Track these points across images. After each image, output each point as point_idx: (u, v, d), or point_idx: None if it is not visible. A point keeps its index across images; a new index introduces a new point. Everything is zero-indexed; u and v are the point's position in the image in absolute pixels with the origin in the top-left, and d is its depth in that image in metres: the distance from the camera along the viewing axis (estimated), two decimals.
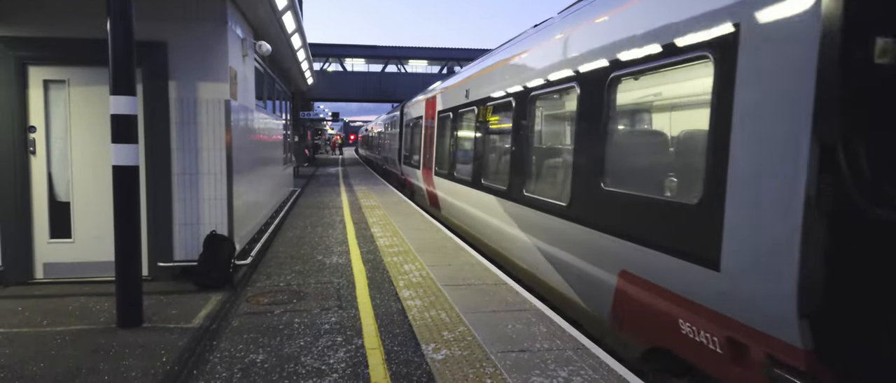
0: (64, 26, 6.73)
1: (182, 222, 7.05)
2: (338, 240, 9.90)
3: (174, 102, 6.93)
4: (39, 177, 6.89)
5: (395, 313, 5.87)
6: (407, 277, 7.27)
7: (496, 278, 7.23)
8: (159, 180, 6.93)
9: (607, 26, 5.35)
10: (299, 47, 13.41)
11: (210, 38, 7.06)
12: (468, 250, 8.98)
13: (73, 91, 6.88)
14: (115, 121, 5.22)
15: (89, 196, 6.95)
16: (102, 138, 6.69)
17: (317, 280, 7.17)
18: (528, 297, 6.39)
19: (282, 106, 15.74)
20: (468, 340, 5.06)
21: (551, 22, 7.17)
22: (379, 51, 54.45)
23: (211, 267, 6.73)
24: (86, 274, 6.97)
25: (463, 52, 52.33)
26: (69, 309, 5.90)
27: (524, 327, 5.39)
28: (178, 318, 5.68)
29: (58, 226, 6.98)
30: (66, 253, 6.99)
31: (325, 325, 5.48)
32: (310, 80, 21.34)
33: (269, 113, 12.11)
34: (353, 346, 4.96)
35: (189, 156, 7.01)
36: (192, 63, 6.97)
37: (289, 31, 10.94)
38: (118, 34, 5.12)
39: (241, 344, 4.98)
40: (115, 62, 5.15)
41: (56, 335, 5.18)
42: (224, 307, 6.03)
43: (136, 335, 5.22)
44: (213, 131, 7.06)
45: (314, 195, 17.49)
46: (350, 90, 47.27)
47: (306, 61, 16.42)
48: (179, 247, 7.06)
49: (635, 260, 4.64)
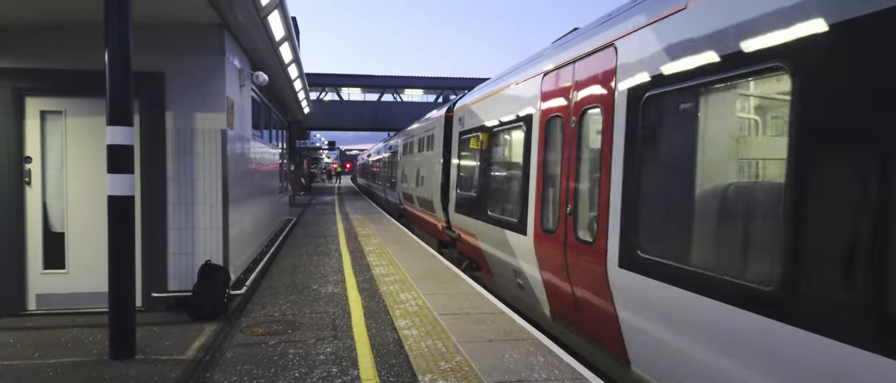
0: (61, 58, 6.78)
1: (177, 252, 7.01)
2: (333, 268, 9.85)
3: (171, 132, 6.95)
4: (34, 208, 6.87)
5: (391, 343, 5.82)
6: (403, 306, 7.22)
7: (494, 307, 7.18)
8: (155, 210, 6.91)
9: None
10: (296, 77, 13.50)
11: (208, 68, 7.11)
12: (465, 279, 8.93)
13: (70, 121, 6.89)
14: (112, 151, 5.22)
15: (84, 226, 6.92)
16: (98, 169, 6.69)
17: (312, 309, 7.11)
18: (526, 326, 6.34)
19: (278, 135, 15.80)
20: (465, 370, 5.01)
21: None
22: (375, 80, 54.92)
23: (205, 297, 6.68)
24: (79, 305, 6.90)
25: (458, 81, 52.75)
26: (61, 341, 5.83)
27: (522, 357, 5.35)
28: (171, 350, 5.62)
29: (51, 256, 6.93)
30: (59, 284, 6.93)
31: (321, 356, 5.43)
32: (306, 110, 21.46)
33: (265, 142, 12.14)
34: (349, 377, 4.90)
35: (185, 186, 7.00)
36: (190, 94, 7.00)
37: (286, 62, 11.03)
38: (116, 65, 5.16)
39: (234, 375, 4.92)
40: (112, 93, 5.17)
41: (48, 367, 5.11)
42: (218, 338, 5.97)
43: (129, 367, 5.15)
44: (209, 161, 7.06)
45: (310, 223, 17.45)
46: (346, 119, 47.51)
47: (303, 91, 16.53)
48: (174, 277, 7.01)
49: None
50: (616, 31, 5.18)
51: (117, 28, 5.14)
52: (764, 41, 3.40)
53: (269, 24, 8.06)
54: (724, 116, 4.12)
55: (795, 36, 3.19)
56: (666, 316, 4.25)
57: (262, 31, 8.22)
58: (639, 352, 4.74)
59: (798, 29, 3.18)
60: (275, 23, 8.22)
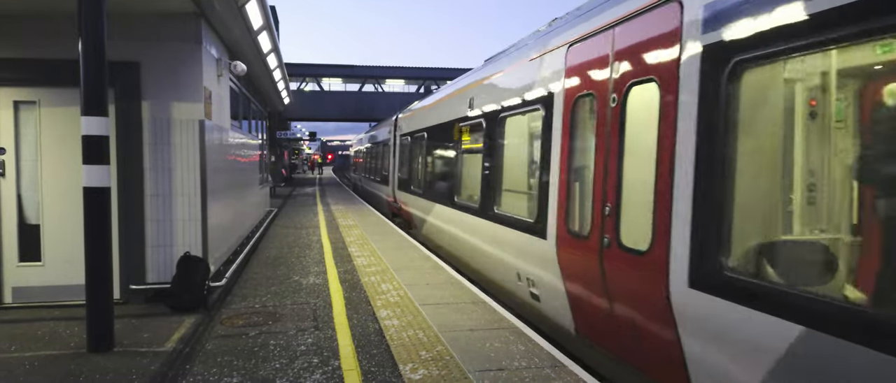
0: (34, 47, 6.65)
1: (155, 244, 6.95)
2: (315, 260, 9.82)
3: (148, 123, 6.86)
4: (9, 200, 6.76)
5: (372, 333, 5.83)
6: (384, 297, 7.23)
7: (474, 297, 7.22)
8: (132, 201, 6.83)
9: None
10: (275, 67, 13.36)
11: (184, 58, 7.02)
12: (446, 269, 8.96)
13: (44, 112, 6.77)
14: (87, 142, 5.15)
15: (60, 218, 6.82)
16: (74, 160, 6.59)
17: (293, 301, 7.09)
18: (507, 315, 6.39)
19: (258, 125, 15.65)
20: (446, 360, 5.04)
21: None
22: (356, 70, 54.59)
23: (184, 289, 6.63)
24: (56, 298, 6.82)
25: (440, 71, 52.60)
26: (38, 335, 5.76)
27: (502, 345, 5.39)
28: (150, 342, 5.58)
29: (27, 249, 6.83)
30: (35, 276, 6.84)
31: (302, 347, 5.42)
32: (286, 100, 21.27)
33: (245, 133, 12.03)
34: (330, 368, 4.91)
35: (162, 177, 6.93)
36: (166, 83, 6.91)
37: (264, 51, 10.91)
38: (89, 54, 5.08)
39: (214, 367, 4.90)
40: (86, 83, 5.09)
41: (24, 361, 5.05)
42: (198, 330, 5.94)
43: (107, 360, 5.11)
44: (187, 152, 6.99)
45: (291, 215, 17.35)
46: (327, 110, 47.29)
47: (282, 81, 16.36)
48: (152, 269, 6.95)
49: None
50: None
51: (91, 16, 5.06)
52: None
53: (246, 13, 7.96)
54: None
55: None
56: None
57: (240, 20, 8.11)
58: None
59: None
60: (253, 11, 8.12)
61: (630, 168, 4.55)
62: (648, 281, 4.15)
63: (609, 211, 4.70)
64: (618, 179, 4.64)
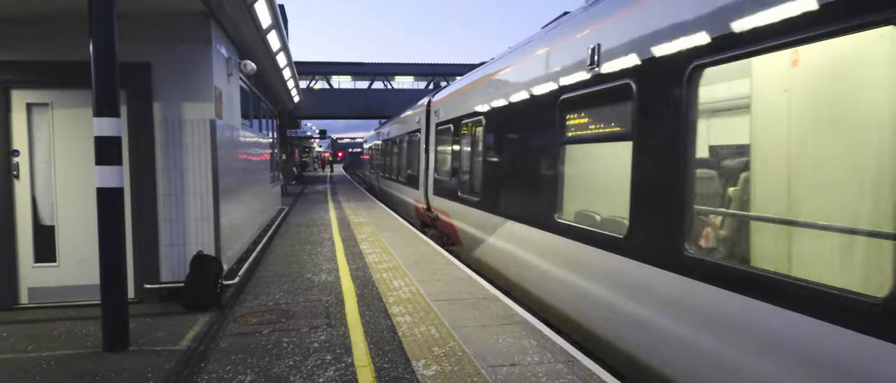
0: (46, 49, 6.71)
1: (168, 243, 6.99)
2: (326, 257, 9.85)
3: (159, 123, 6.90)
4: (23, 202, 6.82)
5: (384, 330, 5.84)
6: (396, 293, 7.24)
7: (486, 292, 7.21)
8: (145, 201, 6.88)
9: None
10: (285, 65, 13.41)
11: (194, 58, 7.05)
12: (458, 265, 8.96)
13: (57, 114, 6.83)
14: (99, 142, 5.19)
15: (74, 219, 6.88)
16: (87, 161, 6.63)
17: (305, 298, 7.12)
18: (519, 310, 6.38)
19: (268, 124, 15.71)
20: (459, 355, 5.04)
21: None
22: (365, 68, 54.62)
23: (198, 287, 6.67)
24: (71, 298, 6.88)
25: (448, 67, 52.55)
26: (55, 334, 5.82)
27: (515, 341, 5.38)
28: (165, 340, 5.62)
29: (42, 250, 6.90)
30: (51, 277, 6.90)
31: (315, 344, 5.44)
32: (296, 98, 21.34)
33: (255, 131, 12.07)
34: (343, 364, 4.92)
35: (175, 177, 6.97)
36: (177, 83, 6.95)
37: (274, 50, 10.95)
38: (101, 56, 5.11)
39: (228, 365, 4.93)
40: (98, 84, 5.13)
41: (41, 360, 5.11)
42: (212, 328, 5.98)
43: (123, 359, 5.15)
44: (198, 151, 7.03)
45: (302, 213, 17.42)
46: (337, 107, 47.31)
47: (292, 79, 16.42)
48: (166, 269, 7.00)
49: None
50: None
51: (102, 18, 5.09)
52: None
53: (255, 12, 7.99)
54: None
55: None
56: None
57: (249, 20, 8.14)
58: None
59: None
60: (262, 11, 8.15)
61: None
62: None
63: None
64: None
